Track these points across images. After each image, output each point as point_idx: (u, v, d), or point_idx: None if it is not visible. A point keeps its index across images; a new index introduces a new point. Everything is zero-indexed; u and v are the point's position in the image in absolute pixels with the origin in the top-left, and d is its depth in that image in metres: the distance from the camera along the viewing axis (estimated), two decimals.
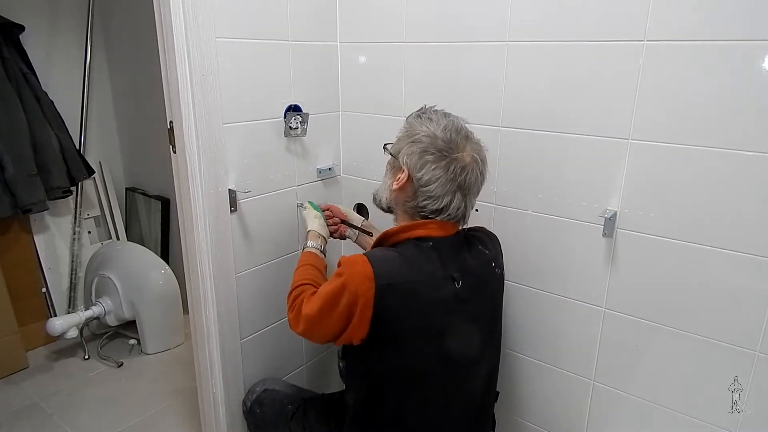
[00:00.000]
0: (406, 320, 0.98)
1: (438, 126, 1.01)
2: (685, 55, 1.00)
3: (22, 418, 1.87)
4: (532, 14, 1.16)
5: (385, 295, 0.95)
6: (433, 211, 1.02)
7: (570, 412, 1.34)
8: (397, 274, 0.97)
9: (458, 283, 1.02)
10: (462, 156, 1.00)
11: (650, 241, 1.12)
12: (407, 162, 1.02)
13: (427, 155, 1.00)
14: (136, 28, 2.36)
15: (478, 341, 1.09)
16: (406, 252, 1.02)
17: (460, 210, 1.03)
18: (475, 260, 1.08)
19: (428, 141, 1.00)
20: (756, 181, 0.97)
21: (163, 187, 2.60)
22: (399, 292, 0.97)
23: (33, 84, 2.15)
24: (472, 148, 1.02)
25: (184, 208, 1.30)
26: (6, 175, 2.02)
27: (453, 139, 1.00)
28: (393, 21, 1.39)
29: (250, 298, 1.45)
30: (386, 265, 0.98)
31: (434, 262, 1.01)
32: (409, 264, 1.00)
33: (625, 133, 1.10)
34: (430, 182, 1.00)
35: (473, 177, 1.01)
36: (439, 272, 1.01)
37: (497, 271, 1.13)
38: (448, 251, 1.04)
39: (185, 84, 1.18)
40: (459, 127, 1.03)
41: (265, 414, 1.37)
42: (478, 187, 1.05)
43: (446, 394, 1.07)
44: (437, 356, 1.03)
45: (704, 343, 1.10)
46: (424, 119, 1.04)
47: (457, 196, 1.01)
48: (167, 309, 2.28)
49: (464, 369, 1.08)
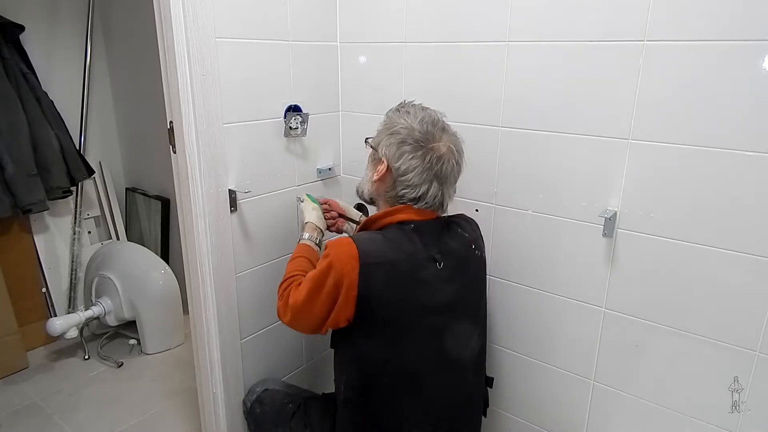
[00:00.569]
0: (390, 298, 1.02)
1: (415, 119, 1.06)
2: (685, 55, 1.00)
3: (22, 418, 1.87)
4: (532, 14, 1.16)
5: (369, 274, 0.99)
6: (411, 200, 1.07)
7: (570, 412, 1.34)
8: (380, 253, 1.02)
9: (440, 264, 1.06)
10: (438, 146, 1.05)
11: (650, 241, 1.12)
12: (386, 153, 1.07)
13: (405, 146, 1.04)
14: (136, 29, 2.36)
15: (464, 322, 1.11)
16: (389, 234, 1.06)
17: (437, 198, 1.07)
18: (455, 242, 1.11)
19: (406, 132, 1.05)
20: (756, 181, 0.97)
21: (163, 187, 2.60)
22: (383, 270, 1.01)
23: (33, 84, 2.15)
24: (449, 138, 1.07)
25: (184, 208, 1.30)
26: (6, 175, 2.02)
27: (429, 130, 1.05)
28: (393, 21, 1.40)
29: (250, 298, 1.45)
30: (370, 246, 1.02)
31: (416, 243, 1.05)
32: (392, 245, 1.04)
33: (625, 133, 1.10)
34: (408, 171, 1.04)
35: (449, 166, 1.06)
36: (420, 253, 1.05)
37: (477, 253, 1.15)
38: (429, 234, 1.08)
39: (185, 84, 1.18)
40: (435, 119, 1.08)
41: (265, 413, 1.38)
42: (455, 176, 1.09)
43: (436, 375, 1.08)
44: (423, 335, 1.06)
45: (704, 343, 1.10)
46: (402, 113, 1.09)
47: (434, 185, 1.05)
48: (167, 309, 2.28)
49: (452, 349, 1.09)
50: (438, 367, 1.09)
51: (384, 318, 1.03)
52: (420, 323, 1.05)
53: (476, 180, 1.34)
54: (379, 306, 1.01)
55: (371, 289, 1.00)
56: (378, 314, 1.02)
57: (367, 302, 1.00)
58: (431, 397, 1.09)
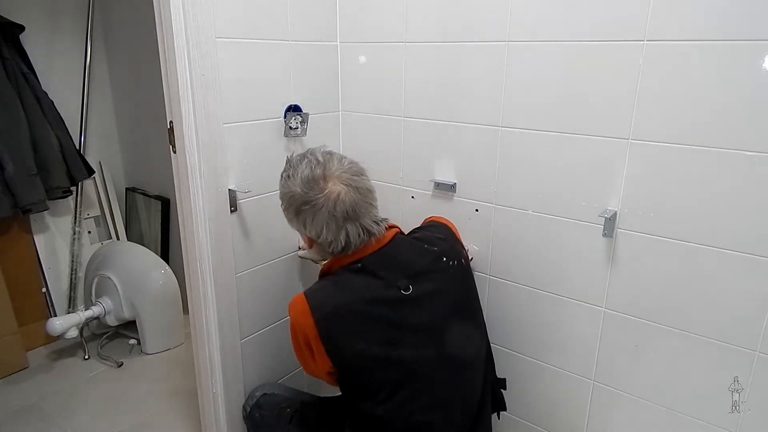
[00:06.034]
0: (356, 341, 1.01)
1: (295, 180, 1.05)
2: (685, 55, 1.00)
3: (22, 418, 1.87)
4: (532, 14, 1.16)
5: (326, 325, 1.00)
6: (342, 249, 1.06)
7: (570, 412, 1.34)
8: (331, 302, 1.02)
9: (406, 289, 1.03)
10: (328, 192, 1.02)
11: (650, 241, 1.12)
12: (297, 228, 1.10)
13: (303, 212, 1.04)
14: (136, 28, 2.36)
15: (456, 338, 1.08)
16: (338, 277, 1.07)
17: (362, 236, 1.05)
18: (423, 259, 1.08)
19: (294, 201, 1.05)
20: (756, 181, 0.98)
21: (163, 187, 2.60)
22: (337, 317, 1.01)
23: (33, 84, 2.15)
24: (335, 174, 1.03)
25: (184, 208, 1.30)
26: (6, 175, 2.02)
27: (312, 186, 1.03)
28: (393, 21, 1.39)
29: (250, 298, 1.45)
30: (320, 296, 1.03)
31: (368, 279, 1.04)
32: (342, 288, 1.04)
33: (625, 133, 1.10)
34: (320, 233, 1.04)
35: (352, 203, 1.02)
36: (377, 286, 1.03)
37: (451, 263, 1.11)
38: (382, 264, 1.06)
39: (185, 84, 1.18)
40: (314, 165, 1.04)
41: (264, 417, 1.38)
42: (365, 203, 1.05)
43: (439, 394, 1.07)
44: (407, 364, 1.03)
45: (704, 343, 1.10)
46: (284, 179, 1.09)
47: (349, 226, 1.03)
48: (167, 309, 2.28)
49: (452, 366, 1.08)
50: (436, 386, 1.07)
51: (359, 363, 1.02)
52: (397, 355, 1.02)
53: (476, 180, 1.34)
54: (349, 352, 1.01)
55: (333, 338, 1.00)
56: (352, 361, 1.02)
57: (337, 351, 1.01)
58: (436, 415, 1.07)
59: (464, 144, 1.34)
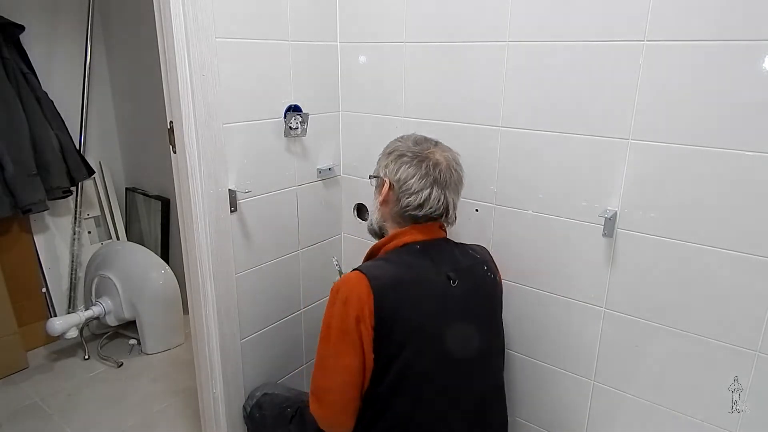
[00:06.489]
0: (406, 316, 1.01)
1: (408, 139, 1.15)
2: (685, 55, 1.00)
3: (22, 418, 1.87)
4: (532, 14, 1.16)
5: (383, 295, 0.99)
6: (416, 207, 1.09)
7: (570, 412, 1.34)
8: (389, 276, 1.03)
9: (454, 281, 1.06)
10: (434, 154, 1.10)
11: (650, 241, 1.12)
12: (386, 172, 1.13)
13: (403, 158, 1.10)
14: (136, 28, 2.36)
15: (478, 340, 1.10)
16: (393, 257, 1.09)
17: (442, 203, 1.09)
18: (468, 261, 1.13)
19: (402, 148, 1.12)
20: (756, 181, 0.97)
21: (163, 187, 2.60)
22: (395, 288, 1.01)
23: (33, 84, 2.15)
24: (443, 150, 1.13)
25: (184, 208, 1.30)
26: (6, 175, 2.02)
27: (423, 145, 1.12)
28: (393, 21, 1.39)
29: (250, 298, 1.45)
30: (377, 271, 1.03)
31: (425, 261, 1.07)
32: (399, 267, 1.06)
33: (625, 133, 1.10)
34: (408, 178, 1.08)
35: (447, 174, 1.10)
36: (431, 270, 1.06)
37: (490, 275, 1.15)
38: (437, 251, 1.10)
39: (185, 84, 1.18)
40: (427, 137, 1.16)
41: (264, 418, 1.38)
42: (455, 183, 1.12)
43: (449, 392, 1.06)
44: (437, 354, 1.04)
45: (704, 343, 1.10)
46: (396, 140, 1.18)
47: (435, 189, 1.08)
48: (167, 309, 2.28)
49: (466, 367, 1.08)
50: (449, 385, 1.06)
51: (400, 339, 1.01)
52: (433, 342, 1.03)
53: (476, 180, 1.34)
54: (395, 326, 1.00)
55: (387, 309, 0.99)
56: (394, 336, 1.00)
57: (385, 324, 0.99)
58: (444, 414, 1.06)
59: (464, 144, 1.34)
